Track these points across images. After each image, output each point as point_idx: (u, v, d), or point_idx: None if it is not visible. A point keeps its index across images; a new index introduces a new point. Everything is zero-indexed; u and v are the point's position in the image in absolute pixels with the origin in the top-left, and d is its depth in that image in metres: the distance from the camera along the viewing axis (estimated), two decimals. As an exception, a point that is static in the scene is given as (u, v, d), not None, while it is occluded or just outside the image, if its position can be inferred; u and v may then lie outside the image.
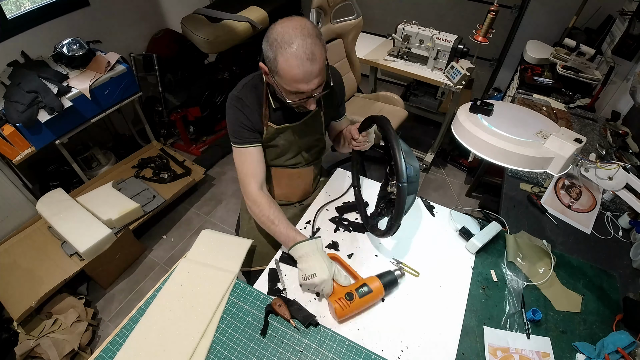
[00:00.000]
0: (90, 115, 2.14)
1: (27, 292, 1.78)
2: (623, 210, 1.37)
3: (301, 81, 0.92)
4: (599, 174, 1.00)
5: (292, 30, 0.88)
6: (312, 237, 1.13)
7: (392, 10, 3.19)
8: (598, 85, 2.02)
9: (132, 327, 0.98)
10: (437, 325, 0.99)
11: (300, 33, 0.88)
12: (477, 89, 3.16)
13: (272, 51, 0.90)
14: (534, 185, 1.50)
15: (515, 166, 0.96)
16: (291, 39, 0.87)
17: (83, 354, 1.77)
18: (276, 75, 0.94)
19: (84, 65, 2.13)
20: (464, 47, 2.19)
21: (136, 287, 2.12)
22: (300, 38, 0.88)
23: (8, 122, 1.83)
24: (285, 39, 0.88)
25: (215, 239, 1.22)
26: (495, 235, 1.17)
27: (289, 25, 0.89)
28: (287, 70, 0.90)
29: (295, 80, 0.92)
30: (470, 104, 1.06)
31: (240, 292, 1.05)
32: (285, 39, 0.88)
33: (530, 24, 2.62)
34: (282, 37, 0.88)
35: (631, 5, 1.98)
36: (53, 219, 1.97)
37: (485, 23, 2.12)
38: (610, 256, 1.23)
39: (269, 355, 0.92)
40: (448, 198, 2.65)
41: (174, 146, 3.04)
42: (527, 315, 1.01)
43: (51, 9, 2.20)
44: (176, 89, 2.85)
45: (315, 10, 2.04)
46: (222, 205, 2.61)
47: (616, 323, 1.01)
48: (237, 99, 1.09)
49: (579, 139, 0.94)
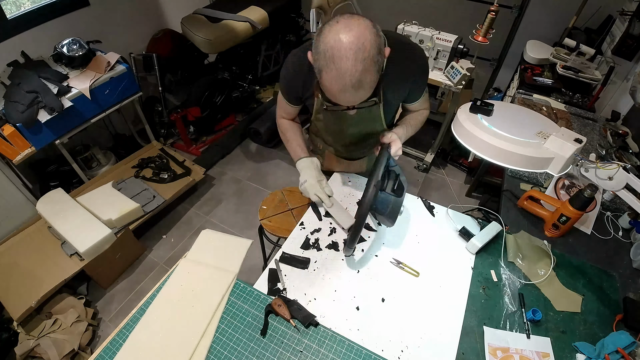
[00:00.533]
0: (90, 115, 2.14)
1: (27, 292, 1.78)
2: (623, 210, 1.37)
3: (341, 100, 0.88)
4: (599, 174, 1.00)
5: (345, 50, 0.77)
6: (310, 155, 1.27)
7: (392, 10, 3.19)
8: (598, 85, 2.02)
9: (132, 327, 0.98)
10: (437, 325, 0.99)
11: (354, 55, 0.77)
12: (477, 89, 3.16)
13: (319, 60, 0.82)
14: (534, 185, 1.50)
15: (515, 166, 0.96)
16: (341, 60, 0.78)
17: (83, 354, 1.77)
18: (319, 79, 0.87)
19: (84, 65, 2.13)
20: (464, 47, 2.19)
21: (136, 287, 2.12)
22: (352, 62, 0.78)
23: (8, 122, 1.83)
24: (335, 57, 0.78)
25: (215, 239, 1.22)
26: (495, 235, 1.17)
27: (345, 39, 0.77)
28: (328, 87, 0.85)
29: (334, 97, 0.88)
30: (470, 104, 1.06)
31: (240, 292, 1.05)
32: (335, 57, 0.78)
33: (530, 24, 2.61)
34: (333, 53, 0.78)
35: (631, 5, 1.98)
36: (53, 219, 1.97)
37: (485, 23, 2.12)
38: (610, 256, 1.23)
39: (269, 355, 0.92)
40: (448, 198, 2.65)
41: (174, 146, 3.04)
42: (527, 315, 1.01)
43: (51, 9, 2.20)
44: (176, 89, 2.85)
45: (315, 10, 2.04)
46: (222, 205, 2.61)
47: (616, 323, 1.01)
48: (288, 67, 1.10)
49: (579, 139, 0.94)
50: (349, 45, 0.77)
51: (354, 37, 0.77)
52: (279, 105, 1.28)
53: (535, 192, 1.32)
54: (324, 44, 0.80)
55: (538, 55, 2.32)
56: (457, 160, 2.91)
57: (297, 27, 3.48)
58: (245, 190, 2.73)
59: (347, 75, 0.79)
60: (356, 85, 0.81)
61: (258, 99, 3.50)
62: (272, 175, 2.85)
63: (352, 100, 0.89)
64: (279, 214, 1.53)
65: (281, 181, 2.81)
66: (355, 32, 0.77)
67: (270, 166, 2.94)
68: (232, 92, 3.16)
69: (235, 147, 3.12)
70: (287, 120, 1.32)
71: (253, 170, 2.90)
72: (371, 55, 0.79)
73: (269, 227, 1.49)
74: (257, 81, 3.35)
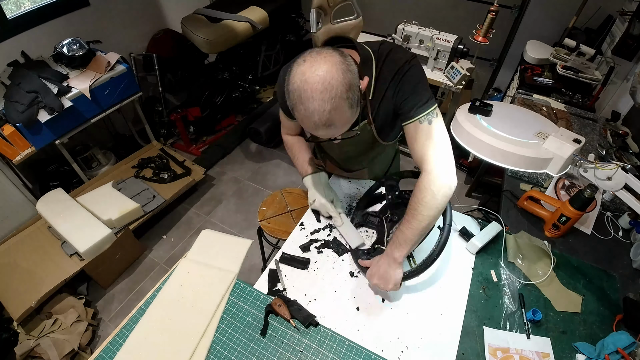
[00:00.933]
0: (90, 115, 2.14)
1: (27, 292, 1.78)
2: (623, 210, 1.37)
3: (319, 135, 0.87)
4: (597, 175, 1.00)
5: (311, 91, 0.76)
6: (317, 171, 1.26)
7: (392, 10, 3.19)
8: (598, 85, 2.02)
9: (132, 327, 0.98)
10: (437, 326, 0.99)
11: (320, 96, 0.75)
12: (477, 89, 3.15)
13: (289, 99, 0.81)
14: (534, 185, 1.50)
15: (513, 167, 0.96)
16: (308, 100, 0.76)
17: (83, 354, 1.77)
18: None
19: (84, 65, 2.14)
20: (464, 47, 2.19)
21: (136, 287, 2.12)
22: (319, 102, 0.76)
23: (8, 122, 1.83)
24: (302, 97, 0.77)
25: (215, 239, 1.22)
26: (495, 236, 1.17)
27: (310, 80, 0.75)
28: (302, 124, 0.84)
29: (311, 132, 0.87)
30: (469, 105, 1.06)
31: (240, 292, 1.05)
32: (302, 97, 0.77)
33: (530, 24, 2.61)
34: (300, 94, 0.77)
35: (631, 5, 1.98)
36: (53, 219, 1.97)
37: (485, 23, 2.12)
38: (610, 256, 1.23)
39: (269, 355, 0.92)
40: (448, 198, 2.65)
41: (174, 146, 3.04)
42: (527, 315, 1.01)
43: (51, 9, 2.21)
44: (176, 89, 2.85)
45: (315, 10, 2.04)
46: (222, 205, 2.61)
47: (616, 323, 1.01)
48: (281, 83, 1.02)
49: (578, 139, 0.94)
50: (314, 86, 0.75)
51: (319, 77, 0.75)
52: (281, 121, 1.27)
53: (535, 193, 1.32)
54: (291, 84, 0.79)
55: (538, 56, 2.31)
56: (457, 161, 2.89)
57: (297, 27, 3.48)
58: (245, 191, 2.73)
59: (316, 115, 0.77)
60: (327, 124, 0.79)
61: (258, 99, 3.51)
62: (272, 175, 2.85)
63: (327, 135, 0.86)
64: (278, 215, 1.53)
65: (281, 181, 2.81)
66: (321, 72, 0.75)
67: (270, 166, 2.94)
68: (232, 92, 3.16)
69: (235, 147, 3.12)
70: (291, 136, 1.30)
71: (253, 170, 2.90)
72: (339, 93, 0.76)
73: (268, 229, 1.49)
74: (257, 81, 3.35)
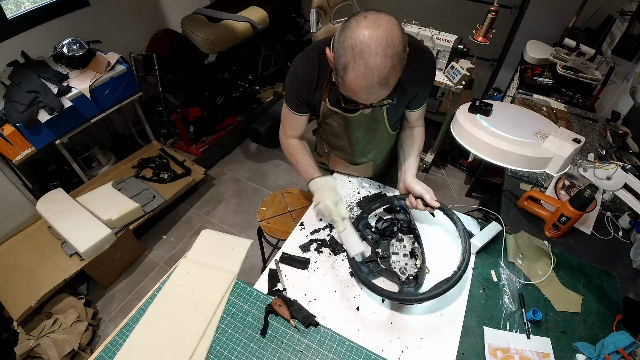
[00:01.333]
0: (90, 115, 2.14)
1: (27, 292, 1.78)
2: (623, 210, 1.37)
3: (362, 98, 0.86)
4: (597, 174, 1.00)
5: (375, 46, 0.75)
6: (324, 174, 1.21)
7: (392, 10, 3.16)
8: (598, 85, 2.02)
9: (132, 327, 0.98)
10: (437, 326, 0.99)
11: (383, 52, 0.75)
12: (477, 89, 3.16)
13: (345, 56, 0.79)
14: (534, 185, 1.50)
15: (513, 166, 0.96)
16: (370, 56, 0.76)
17: (83, 354, 1.77)
18: (340, 78, 0.85)
19: (84, 65, 2.14)
20: (464, 47, 2.19)
21: (136, 287, 2.12)
22: (382, 58, 0.76)
23: (8, 122, 1.83)
24: (364, 52, 0.76)
25: (215, 239, 1.22)
26: (495, 236, 1.17)
27: (374, 36, 0.75)
28: (353, 84, 0.82)
29: (356, 94, 0.85)
30: (469, 105, 1.06)
31: (240, 292, 1.05)
32: (364, 52, 0.76)
33: (530, 24, 2.61)
34: (361, 49, 0.76)
35: (631, 5, 1.98)
36: (53, 219, 1.97)
37: (485, 23, 2.12)
38: (610, 256, 1.23)
39: (269, 355, 0.92)
40: (448, 198, 2.65)
41: (174, 146, 3.04)
42: (527, 315, 1.01)
43: (51, 9, 2.20)
44: (176, 89, 2.85)
45: (315, 10, 2.04)
46: (222, 205, 2.61)
47: (616, 323, 1.01)
48: (297, 68, 1.05)
49: (578, 139, 0.94)
50: (378, 41, 0.75)
51: (383, 32, 0.75)
52: (284, 122, 1.22)
53: (535, 192, 1.32)
54: (351, 39, 0.77)
55: (538, 56, 2.31)
56: (457, 161, 2.91)
57: (297, 27, 3.48)
58: (245, 190, 2.73)
59: (376, 72, 0.77)
60: (382, 82, 0.79)
61: (258, 99, 3.51)
62: (272, 175, 2.85)
63: (374, 98, 0.86)
64: (278, 215, 1.53)
65: (281, 181, 2.81)
66: (384, 28, 0.76)
67: (270, 166, 2.94)
68: (232, 92, 3.16)
69: (235, 147, 3.12)
70: (293, 140, 1.24)
71: (253, 170, 2.90)
72: (398, 52, 0.78)
73: (268, 229, 1.49)
74: (257, 81, 3.35)
